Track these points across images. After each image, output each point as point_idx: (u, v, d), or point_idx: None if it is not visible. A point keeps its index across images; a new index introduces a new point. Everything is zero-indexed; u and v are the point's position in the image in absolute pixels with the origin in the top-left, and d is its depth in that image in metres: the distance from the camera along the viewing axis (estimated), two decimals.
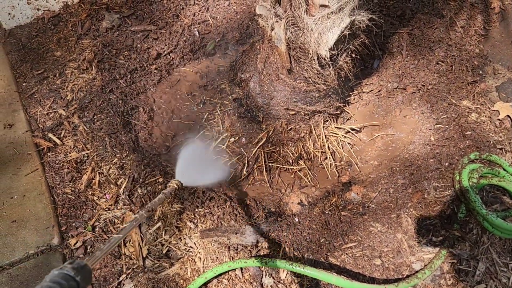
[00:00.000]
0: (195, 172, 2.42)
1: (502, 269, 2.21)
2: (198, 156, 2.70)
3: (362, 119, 3.03)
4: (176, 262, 2.31)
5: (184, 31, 3.25)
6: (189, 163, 2.41)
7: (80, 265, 1.09)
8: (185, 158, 2.48)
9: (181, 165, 2.36)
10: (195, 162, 2.52)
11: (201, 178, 2.51)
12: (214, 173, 2.68)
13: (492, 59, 3.15)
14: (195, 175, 2.42)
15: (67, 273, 1.05)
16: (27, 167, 2.59)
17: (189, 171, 2.30)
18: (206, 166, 2.73)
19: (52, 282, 1.02)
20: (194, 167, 2.46)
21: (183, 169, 2.30)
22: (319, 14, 2.15)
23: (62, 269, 1.06)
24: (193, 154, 2.63)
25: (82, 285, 1.06)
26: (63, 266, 1.07)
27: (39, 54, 3.12)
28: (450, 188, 2.46)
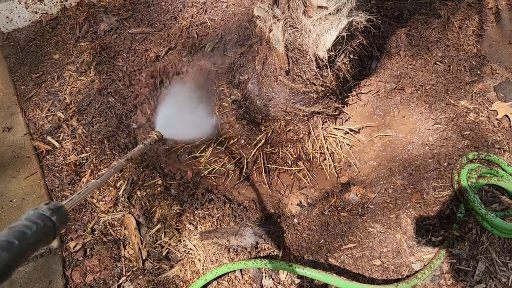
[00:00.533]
0: (177, 123, 2.32)
1: (501, 269, 2.21)
2: (183, 107, 2.59)
3: (360, 120, 3.03)
4: (175, 264, 2.31)
5: (182, 33, 3.26)
6: (172, 114, 2.30)
7: (56, 206, 1.08)
8: (168, 108, 2.36)
9: (163, 115, 2.27)
10: (178, 113, 2.41)
11: (184, 131, 2.41)
12: (199, 126, 2.56)
13: (489, 59, 3.15)
14: (177, 127, 2.32)
15: (43, 213, 1.04)
16: (26, 170, 2.59)
17: (171, 122, 2.21)
18: (190, 118, 2.61)
19: (27, 220, 1.00)
20: (177, 119, 2.36)
21: (165, 119, 2.21)
22: (317, 15, 2.15)
23: (37, 209, 1.05)
24: (177, 104, 2.52)
25: (58, 225, 1.05)
26: (38, 206, 1.06)
27: (37, 57, 3.12)
28: (449, 188, 2.46)
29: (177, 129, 2.32)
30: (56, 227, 1.06)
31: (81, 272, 2.27)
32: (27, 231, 0.98)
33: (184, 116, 2.57)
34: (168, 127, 2.06)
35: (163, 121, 2.15)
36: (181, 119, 2.48)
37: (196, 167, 2.87)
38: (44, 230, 1.02)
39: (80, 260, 2.31)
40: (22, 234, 0.96)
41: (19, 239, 0.95)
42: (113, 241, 2.38)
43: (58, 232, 1.07)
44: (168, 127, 2.06)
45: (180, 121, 2.43)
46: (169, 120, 2.20)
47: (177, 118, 2.35)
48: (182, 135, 2.45)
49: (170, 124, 2.16)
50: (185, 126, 2.49)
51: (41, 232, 1.01)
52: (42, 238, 1.01)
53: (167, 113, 2.28)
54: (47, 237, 1.03)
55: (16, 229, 0.97)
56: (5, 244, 0.91)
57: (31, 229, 0.98)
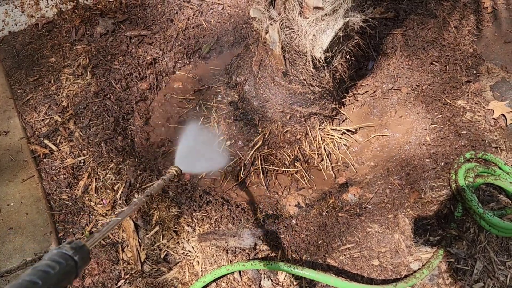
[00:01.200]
0: (194, 159, 2.39)
1: (499, 267, 2.21)
2: (197, 144, 2.67)
3: (357, 120, 3.04)
4: (174, 266, 2.31)
5: (178, 35, 3.26)
6: (188, 150, 2.38)
7: (78, 245, 1.10)
8: (185, 145, 2.45)
9: (181, 152, 2.34)
10: (194, 149, 2.49)
11: (200, 165, 2.48)
12: (213, 160, 2.64)
13: (485, 58, 3.16)
14: (194, 162, 2.39)
15: (66, 252, 1.06)
16: (23, 174, 2.58)
17: (188, 158, 2.28)
18: (205, 153, 2.69)
19: (51, 260, 1.02)
20: (193, 154, 2.43)
21: (183, 156, 2.27)
22: (313, 16, 2.16)
23: (60, 248, 1.07)
24: (193, 141, 2.60)
25: (80, 264, 1.07)
26: (61, 245, 1.08)
27: (34, 60, 3.11)
28: (447, 188, 2.47)
29: (194, 164, 2.40)
30: (78, 266, 1.07)
31: (79, 276, 2.27)
32: (50, 270, 0.99)
33: (198, 151, 2.66)
34: (185, 163, 2.14)
35: (181, 159, 2.24)
36: (196, 155, 2.56)
37: None
38: (67, 269, 1.04)
39: None
40: (45, 274, 0.98)
41: (42, 278, 0.96)
42: (111, 244, 2.38)
43: (80, 271, 1.09)
44: (186, 163, 2.14)
45: (196, 156, 2.51)
46: (186, 157, 2.28)
47: (192, 154, 2.44)
48: (199, 169, 2.53)
49: (187, 160, 2.24)
50: (200, 160, 2.58)
51: (64, 271, 1.03)
52: (65, 277, 1.03)
53: (183, 150, 2.38)
54: (69, 276, 1.05)
55: (40, 269, 0.98)
56: (29, 284, 0.93)
57: (54, 269, 1.00)
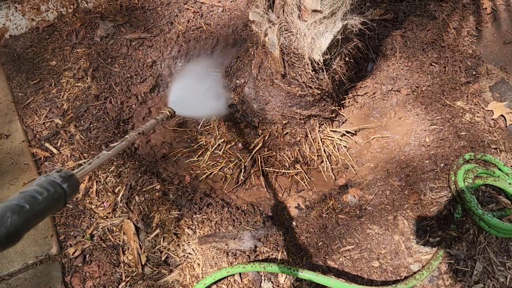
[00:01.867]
0: (189, 101, 2.36)
1: (499, 268, 2.22)
2: (194, 86, 2.61)
3: (357, 122, 3.05)
4: (175, 268, 2.32)
5: (178, 37, 3.27)
6: (184, 92, 2.34)
7: (67, 174, 1.10)
8: (181, 86, 2.40)
9: (175, 93, 2.30)
10: (190, 91, 2.45)
11: (195, 108, 2.44)
12: (209, 104, 2.58)
13: (485, 59, 3.17)
14: (189, 104, 2.36)
15: (54, 180, 1.06)
16: (24, 177, 2.59)
17: (183, 100, 2.25)
18: (201, 96, 2.64)
19: (39, 186, 1.02)
20: (189, 97, 2.39)
21: (177, 97, 2.24)
22: (311, 19, 2.16)
23: (49, 176, 1.07)
24: (189, 83, 2.54)
25: (68, 193, 1.07)
26: (50, 173, 1.08)
27: (34, 64, 3.13)
28: (446, 189, 2.47)
29: (188, 106, 2.36)
30: (67, 194, 1.08)
31: (81, 278, 2.27)
32: (38, 196, 0.99)
33: (196, 93, 2.60)
34: (180, 104, 2.11)
35: (176, 97, 2.21)
36: (193, 96, 2.51)
37: (194, 172, 2.88)
38: (55, 196, 1.04)
39: (79, 266, 2.32)
40: (33, 199, 0.98)
41: (30, 203, 0.96)
42: (112, 247, 2.39)
43: (68, 200, 1.10)
44: (180, 104, 2.11)
45: (191, 98, 2.47)
46: (181, 97, 2.25)
47: (189, 96, 2.39)
48: (194, 112, 2.47)
49: (182, 101, 2.21)
50: (196, 103, 2.52)
51: (52, 198, 1.03)
52: (53, 204, 1.03)
53: (179, 90, 2.33)
54: (57, 203, 1.05)
55: (28, 194, 0.98)
56: (16, 207, 0.93)
57: (42, 195, 1.00)
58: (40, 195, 1.00)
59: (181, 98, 2.25)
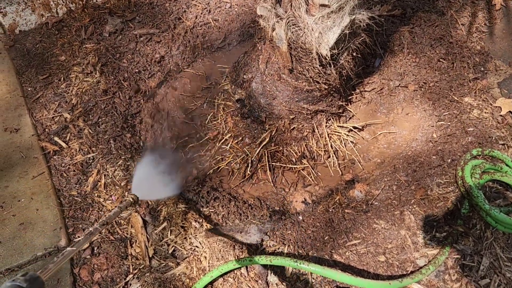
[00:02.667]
0: (149, 186, 2.42)
1: (506, 264, 2.21)
2: (152, 171, 2.68)
3: (364, 118, 3.04)
4: (182, 261, 2.33)
5: (186, 33, 3.28)
6: (143, 178, 2.41)
7: (32, 277, 1.12)
8: (140, 173, 2.48)
9: (137, 180, 2.37)
10: (149, 177, 2.52)
11: (155, 192, 2.51)
12: (167, 187, 2.65)
13: (493, 55, 3.15)
14: (150, 189, 2.42)
15: (19, 285, 1.08)
16: (34, 171, 2.62)
17: (144, 186, 2.31)
18: (159, 180, 2.70)
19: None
20: (149, 182, 2.46)
21: (139, 183, 2.30)
22: (319, 13, 2.17)
23: (14, 281, 1.09)
24: (147, 169, 2.62)
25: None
26: (15, 278, 1.10)
27: (44, 59, 3.15)
28: (453, 184, 2.47)
29: (150, 190, 2.43)
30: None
31: (89, 270, 2.30)
32: None
33: (155, 176, 2.68)
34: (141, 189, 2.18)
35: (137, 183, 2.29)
36: (153, 180, 2.59)
37: (202, 166, 2.89)
38: None
39: (87, 259, 2.34)
40: None
41: None
42: (120, 240, 2.41)
43: None
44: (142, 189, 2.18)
45: (152, 182, 2.54)
46: (142, 183, 2.32)
47: (149, 180, 2.47)
48: (155, 195, 2.55)
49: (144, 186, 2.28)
50: (156, 186, 2.59)
51: None
52: None
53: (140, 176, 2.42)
54: None
55: None
56: None
57: None
58: None
59: (143, 183, 2.31)
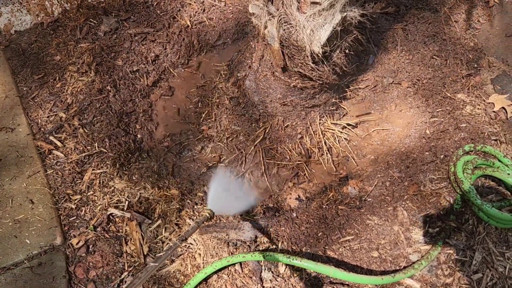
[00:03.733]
0: (225, 201, 2.46)
1: (498, 258, 2.23)
2: (228, 187, 2.72)
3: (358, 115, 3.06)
4: (176, 258, 2.35)
5: (181, 32, 3.30)
6: (219, 193, 2.44)
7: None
8: (216, 188, 2.50)
9: (212, 195, 2.41)
10: (225, 192, 2.55)
11: (231, 207, 2.54)
12: (243, 202, 2.68)
13: (486, 52, 3.17)
14: (225, 204, 2.46)
15: None
16: (29, 170, 2.63)
17: (220, 201, 2.34)
18: (235, 196, 2.74)
19: None
20: (224, 197, 2.48)
21: (215, 198, 2.34)
22: (310, 11, 2.18)
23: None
24: (223, 184, 2.65)
25: None
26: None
27: (39, 58, 3.16)
28: (446, 180, 2.49)
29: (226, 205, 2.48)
30: None
31: (84, 268, 2.32)
32: None
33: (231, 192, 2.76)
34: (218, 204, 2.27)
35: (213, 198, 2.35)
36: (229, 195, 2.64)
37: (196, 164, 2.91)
38: None
39: (83, 256, 2.36)
40: None
41: None
42: (115, 238, 2.42)
43: None
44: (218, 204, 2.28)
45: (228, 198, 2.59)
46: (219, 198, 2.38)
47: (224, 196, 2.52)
48: (231, 210, 2.60)
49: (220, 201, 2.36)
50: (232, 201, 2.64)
51: None
52: None
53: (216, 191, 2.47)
54: None
55: None
56: None
57: None
58: None
59: (219, 198, 2.36)
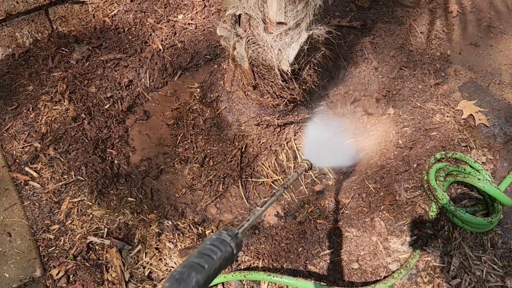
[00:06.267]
0: (322, 153, 2.47)
1: (475, 262, 2.28)
2: (325, 138, 2.77)
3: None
4: (158, 283, 2.34)
5: (153, 56, 3.32)
6: (317, 144, 2.46)
7: (234, 233, 1.16)
8: (314, 139, 2.53)
9: (310, 146, 2.42)
10: (322, 144, 2.56)
11: (328, 159, 2.58)
12: (340, 155, 2.71)
13: (453, 60, 3.26)
14: (323, 156, 2.50)
15: (224, 239, 1.13)
16: (6, 202, 2.61)
17: (318, 152, 2.36)
18: (332, 148, 2.79)
19: (212, 245, 1.09)
20: (322, 148, 2.49)
21: (312, 150, 2.36)
22: (277, 31, 2.23)
23: (220, 234, 1.14)
24: (320, 136, 2.68)
25: (236, 251, 1.13)
26: (220, 231, 1.15)
27: (12, 90, 3.15)
28: (420, 188, 2.54)
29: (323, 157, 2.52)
30: (234, 253, 1.14)
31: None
32: (213, 255, 1.07)
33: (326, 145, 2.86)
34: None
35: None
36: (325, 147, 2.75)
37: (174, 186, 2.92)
38: (226, 255, 1.10)
39: (63, 287, 2.33)
40: (210, 258, 1.05)
41: (209, 263, 1.04)
42: (96, 266, 2.41)
43: (235, 258, 1.16)
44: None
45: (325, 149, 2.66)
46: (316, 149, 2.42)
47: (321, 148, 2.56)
48: (328, 163, 2.63)
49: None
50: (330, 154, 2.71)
51: (224, 257, 1.10)
52: (224, 263, 1.10)
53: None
54: (227, 261, 1.12)
55: (205, 253, 1.06)
56: (198, 267, 1.01)
57: (216, 254, 1.07)
58: (215, 254, 1.07)
59: (317, 149, 2.41)
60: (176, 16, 3.56)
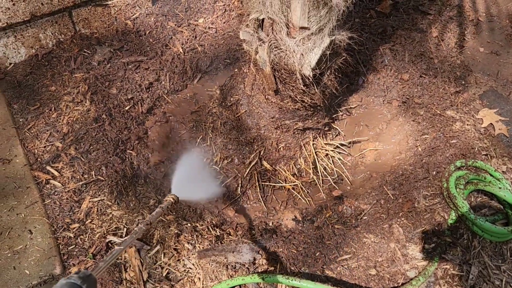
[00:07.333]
0: (190, 187, 2.48)
1: (494, 272, 2.26)
2: (194, 172, 2.76)
3: (350, 134, 3.11)
4: (176, 284, 2.36)
5: (174, 59, 3.36)
6: (185, 178, 2.47)
7: (85, 275, 1.17)
8: (181, 173, 2.53)
9: (177, 180, 2.43)
10: (190, 178, 2.58)
11: (196, 193, 2.56)
12: (208, 189, 2.72)
13: (473, 69, 3.25)
14: (191, 190, 2.48)
15: (74, 282, 1.13)
16: (27, 200, 2.65)
17: (185, 187, 2.37)
18: (201, 182, 2.78)
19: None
20: (190, 183, 2.51)
21: (179, 184, 2.36)
22: (299, 36, 2.25)
23: (69, 278, 1.15)
24: (189, 170, 2.69)
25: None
26: (70, 276, 1.16)
27: (34, 90, 3.20)
28: (439, 196, 2.53)
29: (190, 191, 2.51)
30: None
31: None
32: None
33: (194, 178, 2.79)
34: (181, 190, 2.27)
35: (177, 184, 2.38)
36: (193, 182, 2.68)
37: None
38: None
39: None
40: None
41: None
42: (114, 265, 2.43)
43: None
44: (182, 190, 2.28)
45: (192, 184, 2.62)
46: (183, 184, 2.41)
47: (189, 182, 2.55)
48: (196, 196, 2.63)
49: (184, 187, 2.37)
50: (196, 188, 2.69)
51: None
52: None
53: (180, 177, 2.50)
54: None
55: None
56: None
57: None
58: None
59: (183, 184, 2.40)
60: (197, 20, 3.60)
